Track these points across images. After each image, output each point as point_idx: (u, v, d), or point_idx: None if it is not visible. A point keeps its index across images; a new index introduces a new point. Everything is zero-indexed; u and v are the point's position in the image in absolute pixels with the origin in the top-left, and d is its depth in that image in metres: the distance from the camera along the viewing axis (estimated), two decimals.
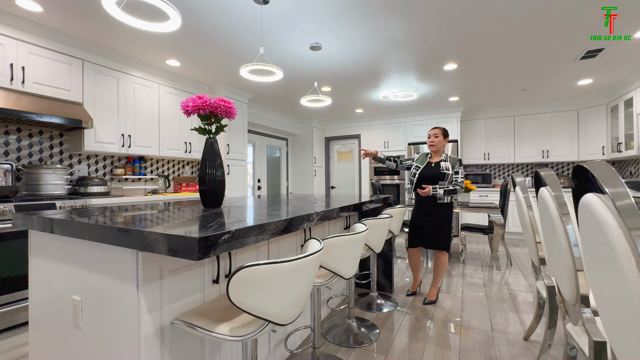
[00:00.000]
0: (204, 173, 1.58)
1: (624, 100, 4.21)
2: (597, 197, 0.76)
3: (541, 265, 1.72)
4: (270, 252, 1.62)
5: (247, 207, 1.68)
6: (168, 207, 1.72)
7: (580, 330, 1.24)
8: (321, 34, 2.74)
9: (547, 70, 3.71)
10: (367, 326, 2.18)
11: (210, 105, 1.54)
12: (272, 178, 6.33)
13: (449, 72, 3.74)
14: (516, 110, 5.51)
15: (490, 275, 3.32)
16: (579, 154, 5.12)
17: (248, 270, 0.84)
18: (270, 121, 5.64)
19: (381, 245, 1.97)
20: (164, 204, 1.89)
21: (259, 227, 1.01)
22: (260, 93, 4.49)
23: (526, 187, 1.77)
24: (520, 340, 1.98)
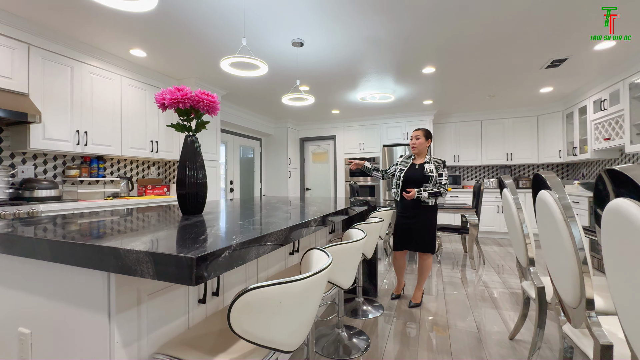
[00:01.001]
0: (183, 175, 1.39)
1: (579, 108, 4.57)
2: (632, 202, 0.72)
3: (530, 266, 1.74)
4: (259, 263, 1.47)
5: (233, 213, 1.52)
6: (137, 214, 1.50)
7: (580, 333, 1.24)
8: (304, 29, 2.62)
9: (516, 77, 3.90)
10: (356, 334, 2.09)
11: (191, 99, 1.36)
12: (245, 180, 6.08)
13: (427, 75, 3.80)
14: (483, 115, 5.78)
15: (466, 274, 3.41)
16: (538, 157, 5.49)
17: (254, 293, 0.70)
18: (243, 120, 5.40)
19: (372, 250, 1.89)
20: (130, 211, 1.65)
21: (261, 239, 0.87)
22: (234, 90, 4.26)
23: (515, 189, 1.79)
24: (506, 340, 2.01)
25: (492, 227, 5.41)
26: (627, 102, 3.47)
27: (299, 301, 0.77)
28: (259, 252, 0.86)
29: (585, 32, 2.75)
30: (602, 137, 4.00)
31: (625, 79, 3.47)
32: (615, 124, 3.74)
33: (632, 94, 3.43)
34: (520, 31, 2.72)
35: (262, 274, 1.50)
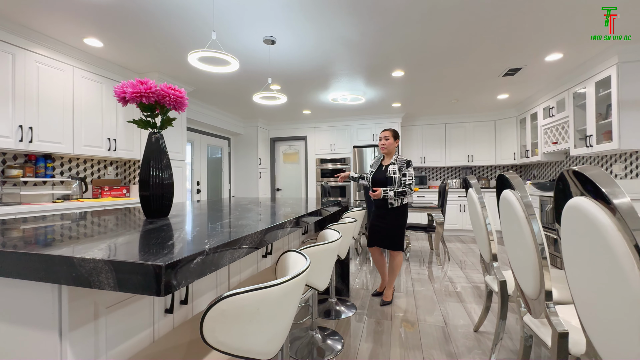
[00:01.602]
0: (147, 175, 1.29)
1: (530, 114, 4.97)
2: (591, 202, 0.78)
3: (492, 261, 1.84)
4: (230, 267, 1.40)
5: (202, 216, 1.44)
6: (93, 218, 1.37)
7: (539, 322, 1.33)
8: (276, 26, 2.57)
9: (477, 83, 4.15)
10: (329, 335, 2.08)
11: (157, 93, 1.26)
12: (213, 181, 5.85)
13: (396, 78, 3.91)
14: (447, 119, 6.08)
15: (433, 271, 3.55)
16: (496, 159, 5.89)
17: (230, 301, 0.66)
18: (211, 118, 5.20)
19: (346, 251, 1.90)
20: (84, 214, 1.50)
21: (236, 242, 0.82)
22: (202, 87, 4.08)
23: (480, 189, 1.88)
24: (471, 332, 2.11)
25: (456, 225, 5.70)
26: (571, 110, 3.83)
27: (278, 307, 0.73)
28: (233, 257, 0.81)
29: (539, 45, 2.99)
30: (551, 141, 4.38)
31: (570, 88, 3.83)
32: (562, 130, 4.11)
33: (576, 103, 3.79)
34: (482, 41, 2.89)
35: (234, 279, 1.43)
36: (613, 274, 0.72)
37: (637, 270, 0.67)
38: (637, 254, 0.66)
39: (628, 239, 0.68)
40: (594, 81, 3.38)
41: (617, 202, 0.69)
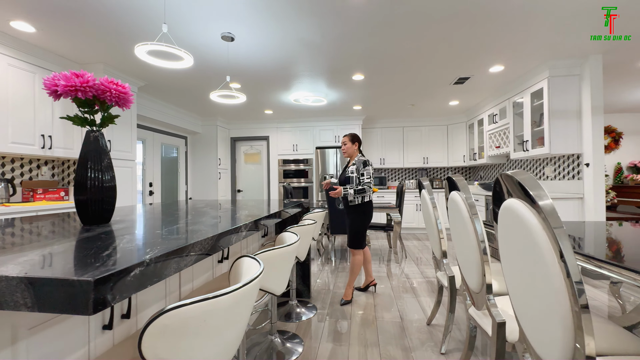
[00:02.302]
0: (84, 177, 1.17)
1: (477, 120, 5.40)
2: (520, 202, 0.86)
3: (443, 258, 1.96)
4: (182, 275, 1.32)
5: (151, 220, 1.34)
6: (20, 225, 1.21)
7: (482, 314, 1.44)
8: (235, 23, 2.49)
9: (431, 90, 4.40)
10: (289, 338, 2.06)
11: (95, 88, 1.15)
12: (168, 182, 5.51)
13: (356, 82, 4.01)
14: (405, 122, 6.38)
15: (391, 268, 3.69)
16: (448, 161, 6.30)
17: (173, 315, 0.61)
18: (166, 116, 4.89)
19: (306, 252, 1.89)
20: (10, 221, 1.32)
21: (183, 250, 0.77)
22: (155, 82, 3.82)
23: (431, 190, 2.00)
24: (424, 326, 2.23)
25: (412, 223, 5.99)
26: (511, 117, 4.23)
27: (228, 316, 0.70)
28: (180, 265, 0.77)
29: (484, 57, 3.25)
30: (494, 145, 4.79)
31: (510, 98, 4.23)
32: (504, 135, 4.52)
33: (515, 111, 4.19)
34: (435, 51, 3.07)
35: (186, 287, 1.36)
36: (539, 267, 0.79)
37: (558, 265, 0.75)
38: (558, 250, 0.74)
39: (550, 236, 0.76)
40: (530, 92, 3.77)
41: (541, 204, 0.77)
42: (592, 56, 3.24)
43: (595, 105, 3.27)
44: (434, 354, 1.86)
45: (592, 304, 2.57)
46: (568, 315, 0.74)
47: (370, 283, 2.89)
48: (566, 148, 3.44)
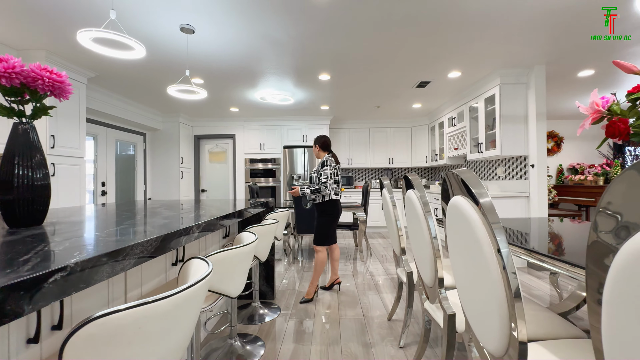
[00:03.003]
0: (10, 175, 1.04)
1: (438, 123, 5.67)
2: (464, 199, 0.90)
3: (402, 254, 2.03)
4: (128, 279, 1.23)
5: (91, 222, 1.23)
6: None
7: (435, 307, 1.50)
8: (195, 15, 2.38)
9: (395, 92, 4.54)
10: (251, 342, 2.01)
11: (23, 75, 1.04)
12: (124, 181, 5.15)
13: (323, 81, 4.02)
14: (371, 124, 6.53)
15: (357, 266, 3.76)
16: (411, 161, 6.55)
17: (101, 323, 0.56)
18: (121, 110, 4.57)
19: (267, 253, 1.86)
20: None
21: (117, 253, 0.71)
22: (107, 73, 3.55)
23: (391, 189, 2.05)
24: (385, 321, 2.29)
25: (378, 222, 6.15)
26: (468, 121, 4.49)
27: (167, 322, 0.66)
28: (115, 270, 0.71)
29: (443, 63, 3.42)
30: (453, 147, 5.06)
31: (467, 102, 4.49)
32: (461, 137, 4.79)
33: (471, 115, 4.46)
34: (397, 54, 3.17)
35: (134, 292, 1.27)
36: (480, 261, 0.84)
37: (495, 258, 0.79)
38: (495, 244, 0.79)
39: (489, 231, 0.80)
40: (484, 97, 4.03)
41: (481, 201, 0.82)
42: (537, 66, 3.54)
43: (540, 111, 3.57)
44: (393, 349, 1.91)
45: (536, 294, 2.80)
46: (504, 305, 0.79)
47: (334, 281, 2.92)
48: (515, 150, 3.73)
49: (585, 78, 3.90)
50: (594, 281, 0.50)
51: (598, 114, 1.32)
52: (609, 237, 0.45)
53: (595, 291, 0.50)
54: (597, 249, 0.48)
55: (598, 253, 0.48)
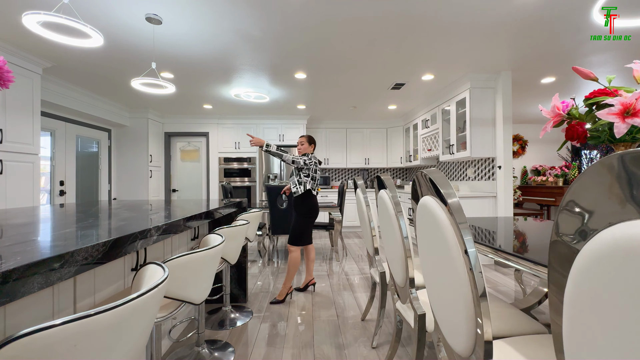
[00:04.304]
0: None
1: (413, 124, 5.80)
2: (433, 199, 0.90)
3: (375, 255, 2.03)
4: (78, 287, 1.12)
5: (37, 225, 1.11)
6: None
7: (406, 307, 1.50)
8: (161, 5, 2.26)
9: (370, 93, 4.58)
10: (219, 348, 1.93)
11: None
12: (86, 180, 4.82)
13: (299, 80, 3.98)
14: (348, 124, 6.56)
15: (332, 266, 3.75)
16: (387, 162, 6.66)
17: (24, 343, 0.49)
18: (82, 104, 4.26)
19: (237, 255, 1.79)
20: None
21: (54, 260, 0.63)
22: (65, 63, 3.29)
23: (365, 189, 2.05)
24: (359, 322, 2.28)
25: (354, 222, 6.19)
26: (440, 123, 4.62)
27: (110, 338, 0.59)
28: (50, 279, 0.62)
29: (416, 65, 3.49)
30: (427, 149, 5.19)
31: (440, 105, 4.61)
32: (434, 139, 4.92)
33: (443, 117, 4.59)
34: (369, 55, 3.19)
35: (85, 302, 1.16)
36: (447, 261, 0.83)
37: (462, 259, 0.79)
38: (463, 245, 0.78)
39: (457, 231, 0.80)
40: (455, 101, 4.16)
41: (450, 201, 0.81)
42: (504, 72, 3.70)
43: (506, 115, 3.74)
44: (365, 349, 1.90)
45: (502, 290, 2.92)
46: (470, 305, 0.78)
47: (309, 282, 2.88)
48: (483, 152, 3.87)
49: (548, 84, 4.13)
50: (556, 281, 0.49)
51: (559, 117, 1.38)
52: (570, 238, 0.45)
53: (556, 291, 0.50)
54: (559, 249, 0.48)
55: (559, 253, 0.48)
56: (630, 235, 0.35)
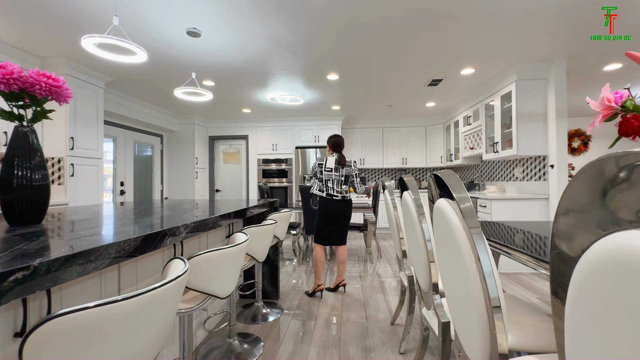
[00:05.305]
0: (10, 176, 1.10)
1: (454, 122, 5.49)
2: (447, 202, 0.86)
3: (404, 258, 1.97)
4: (122, 277, 1.27)
5: (88, 221, 1.28)
6: None
7: (431, 314, 1.45)
8: (200, 19, 2.43)
9: (406, 91, 4.44)
10: (250, 341, 2.02)
11: (22, 80, 1.09)
12: (142, 181, 5.35)
13: (331, 81, 4.00)
14: (384, 123, 6.43)
15: (365, 268, 3.71)
16: (426, 162, 6.39)
17: (59, 322, 0.57)
18: (138, 113, 4.75)
19: (265, 253, 1.86)
20: None
21: (88, 253, 0.73)
22: (123, 77, 3.70)
23: (392, 190, 2.00)
24: (388, 326, 2.24)
25: None
26: (483, 120, 4.32)
27: (130, 323, 0.67)
28: (86, 269, 0.72)
29: (455, 59, 3.30)
30: (469, 147, 4.89)
31: (483, 100, 4.31)
32: (477, 137, 4.61)
33: (487, 113, 4.28)
34: (405, 52, 3.09)
35: (128, 290, 1.30)
36: (460, 266, 0.79)
37: (474, 265, 0.75)
38: (475, 249, 0.74)
39: (469, 236, 0.76)
40: (500, 95, 3.86)
41: (461, 205, 0.77)
42: (557, 61, 3.35)
43: (559, 108, 3.37)
44: (392, 354, 1.86)
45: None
46: (484, 315, 0.74)
47: (339, 283, 2.89)
48: (533, 150, 3.54)
49: (613, 72, 3.65)
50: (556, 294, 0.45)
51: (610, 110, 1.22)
52: (566, 250, 0.41)
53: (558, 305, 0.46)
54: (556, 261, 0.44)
55: (557, 265, 0.44)
56: (621, 246, 0.32)
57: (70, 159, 3.22)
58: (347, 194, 2.85)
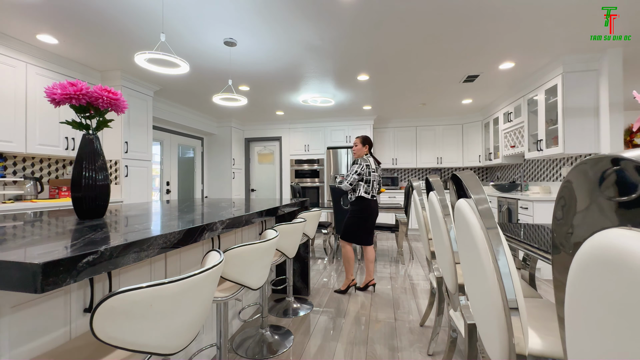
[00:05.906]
0: (79, 176, 1.29)
1: (493, 119, 5.21)
2: (466, 202, 0.87)
3: (432, 259, 1.95)
4: (168, 266, 1.43)
5: (140, 216, 1.45)
6: (28, 218, 1.36)
7: (458, 315, 1.43)
8: (236, 29, 2.60)
9: (440, 88, 4.31)
10: (281, 334, 2.13)
11: (88, 95, 1.27)
12: (185, 181, 5.78)
13: (362, 82, 4.01)
14: (418, 122, 6.27)
15: (396, 269, 3.67)
16: (463, 161, 6.12)
17: (120, 298, 0.69)
18: (182, 118, 5.14)
19: (294, 250, 1.95)
20: (22, 216, 1.49)
21: (141, 242, 0.86)
22: (168, 86, 4.04)
23: (421, 191, 1.99)
24: (417, 327, 2.22)
25: None
26: (526, 116, 4.05)
27: (175, 303, 0.78)
28: (139, 256, 0.85)
29: (492, 54, 3.16)
30: (510, 145, 4.61)
31: (525, 95, 4.05)
32: (519, 134, 4.34)
33: (530, 109, 4.02)
34: (437, 48, 3.02)
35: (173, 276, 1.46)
36: (478, 267, 0.80)
37: (492, 265, 0.76)
38: (491, 249, 0.75)
39: (486, 236, 0.77)
40: (544, 89, 3.60)
41: (479, 206, 0.78)
42: (611, 49, 3.06)
43: (614, 102, 3.08)
44: (420, 355, 1.85)
45: None
46: (502, 315, 0.75)
47: (369, 283, 2.91)
48: (582, 147, 3.27)
49: None
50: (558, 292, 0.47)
51: None
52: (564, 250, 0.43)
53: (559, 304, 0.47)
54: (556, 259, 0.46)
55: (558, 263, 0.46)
56: (606, 244, 0.34)
57: (125, 161, 3.60)
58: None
